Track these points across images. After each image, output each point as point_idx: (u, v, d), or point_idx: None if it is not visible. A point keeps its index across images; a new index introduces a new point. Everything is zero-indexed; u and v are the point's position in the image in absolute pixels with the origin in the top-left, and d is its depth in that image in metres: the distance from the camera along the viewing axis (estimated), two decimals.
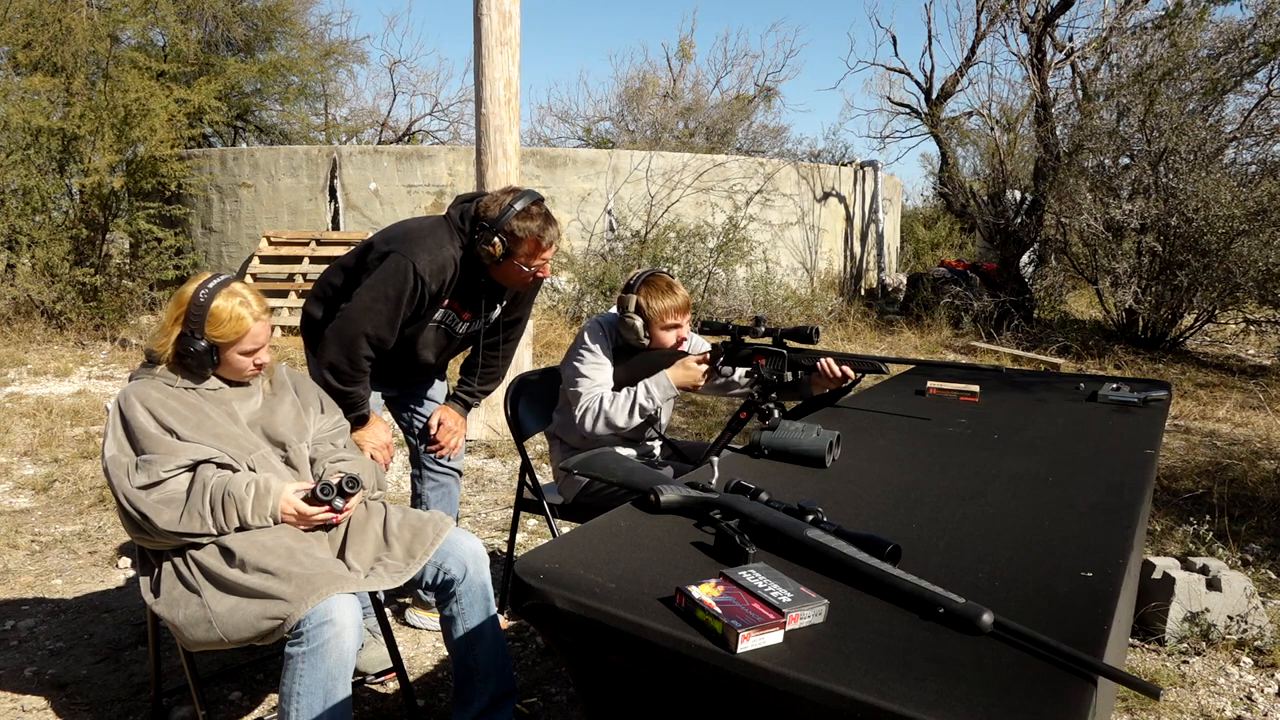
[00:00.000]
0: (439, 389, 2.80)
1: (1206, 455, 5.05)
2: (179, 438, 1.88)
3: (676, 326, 2.56)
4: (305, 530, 1.96)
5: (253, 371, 2.02)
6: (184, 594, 1.86)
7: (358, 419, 2.40)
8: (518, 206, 2.30)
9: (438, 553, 2.05)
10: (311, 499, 1.93)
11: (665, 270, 2.65)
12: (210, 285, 1.95)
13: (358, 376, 2.34)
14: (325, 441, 2.16)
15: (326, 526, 2.00)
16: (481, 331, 2.59)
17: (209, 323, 1.92)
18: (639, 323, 2.52)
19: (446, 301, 2.43)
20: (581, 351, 2.56)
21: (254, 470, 1.95)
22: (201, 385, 1.99)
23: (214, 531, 1.85)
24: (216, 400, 2.00)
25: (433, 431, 2.68)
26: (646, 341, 2.55)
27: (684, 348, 2.63)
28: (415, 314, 2.37)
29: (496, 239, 2.30)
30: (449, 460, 2.76)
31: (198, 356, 1.93)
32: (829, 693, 0.97)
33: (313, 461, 2.11)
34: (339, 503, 1.95)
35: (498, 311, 2.59)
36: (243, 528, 1.88)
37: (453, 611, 2.10)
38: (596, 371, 2.54)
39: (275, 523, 1.91)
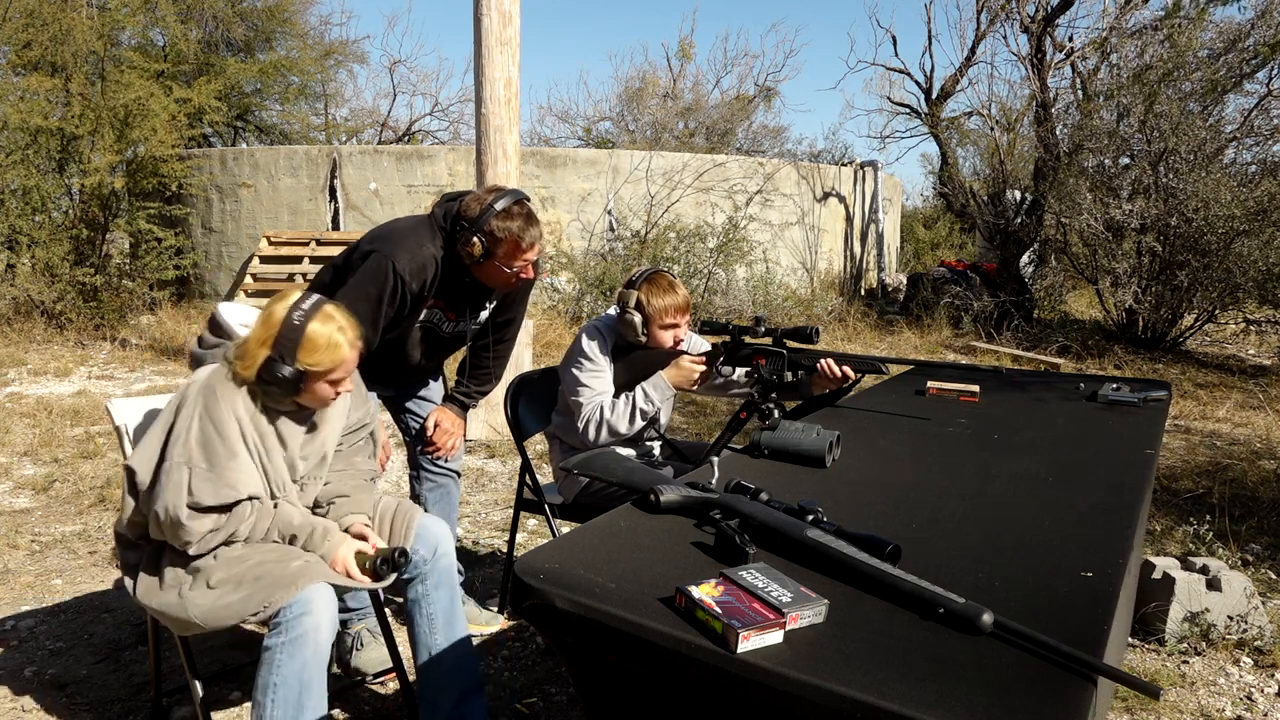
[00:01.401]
0: (436, 389, 2.79)
1: (1206, 455, 5.05)
2: (251, 459, 1.85)
3: (675, 326, 2.56)
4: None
5: (333, 399, 1.92)
6: (165, 587, 1.87)
7: None
8: (498, 206, 2.26)
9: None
10: (370, 571, 1.92)
11: (667, 270, 2.65)
12: (305, 307, 1.82)
13: None
14: (344, 437, 2.15)
15: None
16: (469, 331, 2.57)
17: (303, 348, 1.80)
18: (638, 319, 2.53)
19: (431, 301, 2.40)
20: (580, 359, 2.56)
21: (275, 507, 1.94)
22: (275, 406, 1.91)
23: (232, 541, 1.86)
24: (282, 426, 1.92)
25: (429, 433, 2.68)
26: (644, 339, 2.55)
27: (682, 348, 2.63)
28: (399, 314, 2.35)
29: (476, 239, 2.26)
30: (446, 462, 2.76)
31: (284, 384, 1.81)
32: (829, 693, 0.97)
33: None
34: (389, 578, 1.95)
35: (486, 313, 2.57)
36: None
37: (416, 594, 2.09)
38: (596, 379, 2.54)
39: None
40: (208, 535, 1.81)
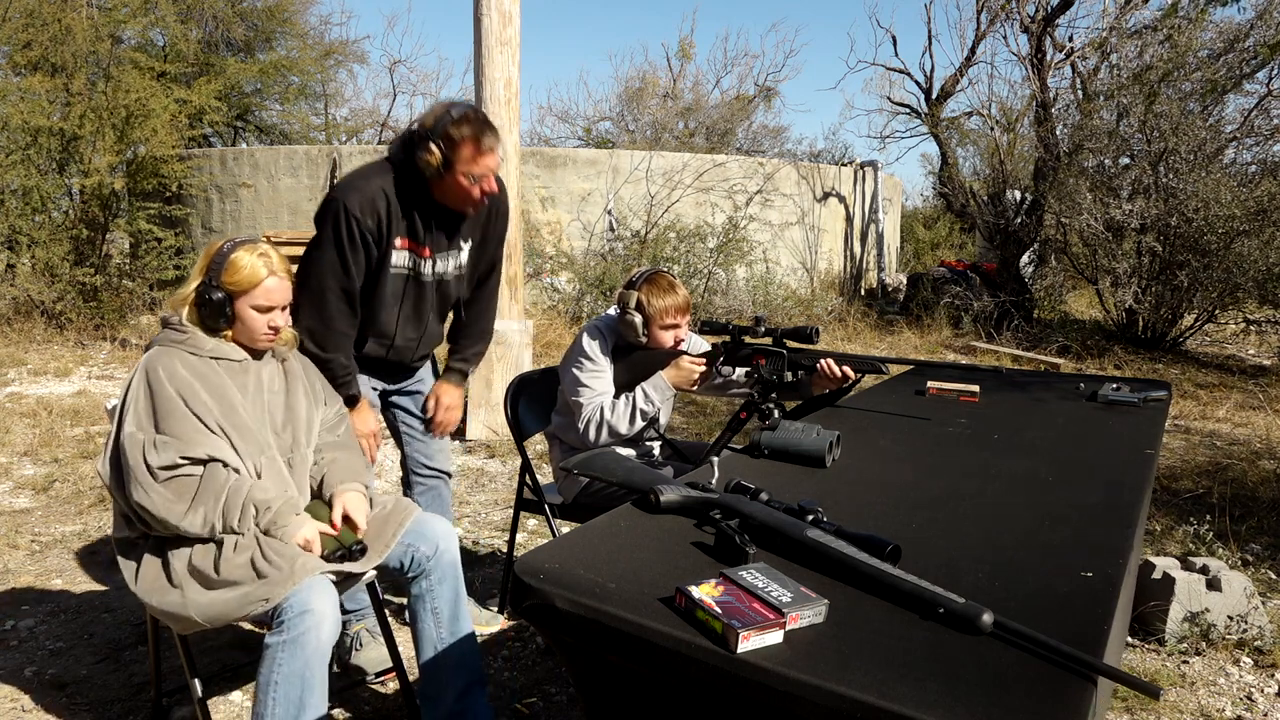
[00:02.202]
0: (426, 380, 2.74)
1: (1206, 455, 5.05)
2: (203, 423, 1.88)
3: (675, 326, 2.56)
4: None
5: (267, 335, 2.00)
6: (164, 585, 1.88)
7: (348, 399, 2.36)
8: (454, 113, 2.27)
9: (409, 533, 2.08)
10: (329, 556, 1.94)
11: (667, 270, 2.65)
12: (236, 239, 1.99)
13: (334, 338, 2.31)
14: (328, 432, 2.18)
15: None
16: (452, 276, 2.52)
17: (226, 270, 1.94)
18: (638, 320, 2.53)
19: (401, 243, 2.38)
20: (581, 359, 2.56)
21: (259, 474, 1.95)
22: (225, 356, 1.97)
23: (217, 534, 1.86)
24: (241, 376, 1.99)
25: (430, 411, 2.67)
26: (644, 339, 2.55)
27: (683, 348, 2.63)
28: (368, 259, 2.34)
29: (433, 145, 2.26)
30: (436, 462, 2.75)
31: (212, 306, 1.93)
32: (829, 693, 0.97)
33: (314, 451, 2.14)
34: (349, 565, 1.98)
35: (464, 253, 2.53)
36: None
37: (421, 589, 2.11)
38: (596, 380, 2.54)
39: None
40: (181, 506, 1.82)
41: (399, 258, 2.39)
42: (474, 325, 2.69)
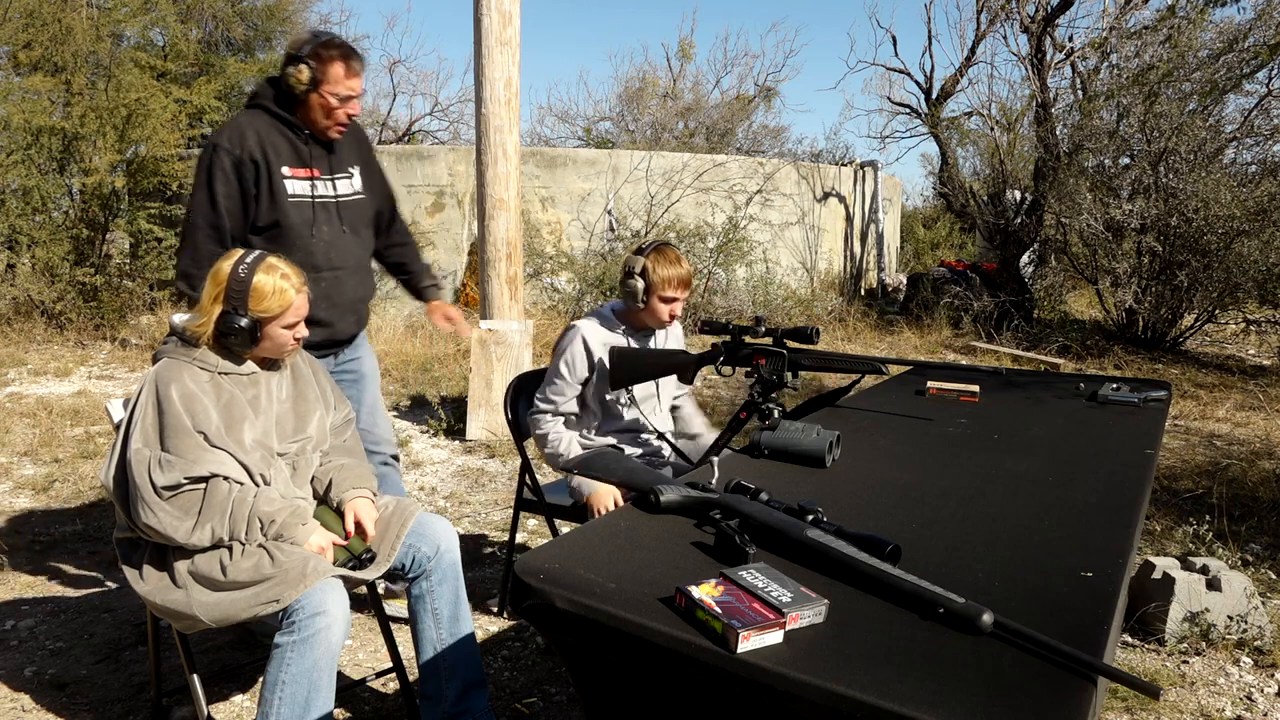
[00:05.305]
0: (366, 357, 2.81)
1: (1206, 455, 5.05)
2: (208, 438, 1.87)
3: (674, 300, 2.61)
4: None
5: (293, 346, 2.01)
6: (169, 584, 1.88)
7: None
8: (322, 38, 2.45)
9: (410, 534, 2.09)
10: (341, 565, 1.96)
11: (674, 245, 2.73)
12: (248, 261, 1.93)
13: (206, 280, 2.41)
14: (335, 435, 2.19)
15: None
16: (357, 198, 2.65)
17: (252, 298, 1.89)
18: (640, 286, 2.57)
19: (288, 171, 2.48)
20: (561, 368, 2.62)
21: (267, 483, 1.95)
22: (234, 370, 1.96)
23: (224, 543, 1.86)
24: (250, 389, 1.98)
25: (441, 325, 2.92)
26: (643, 305, 2.59)
27: (674, 328, 2.76)
28: (244, 191, 2.42)
29: (303, 65, 2.41)
30: (383, 446, 2.82)
31: (241, 334, 1.90)
32: (829, 693, 0.97)
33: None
34: (360, 574, 1.98)
35: (356, 178, 2.66)
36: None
37: (422, 590, 2.12)
38: (560, 395, 2.60)
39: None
40: (188, 524, 1.81)
41: (294, 186, 2.50)
42: (414, 261, 2.92)
